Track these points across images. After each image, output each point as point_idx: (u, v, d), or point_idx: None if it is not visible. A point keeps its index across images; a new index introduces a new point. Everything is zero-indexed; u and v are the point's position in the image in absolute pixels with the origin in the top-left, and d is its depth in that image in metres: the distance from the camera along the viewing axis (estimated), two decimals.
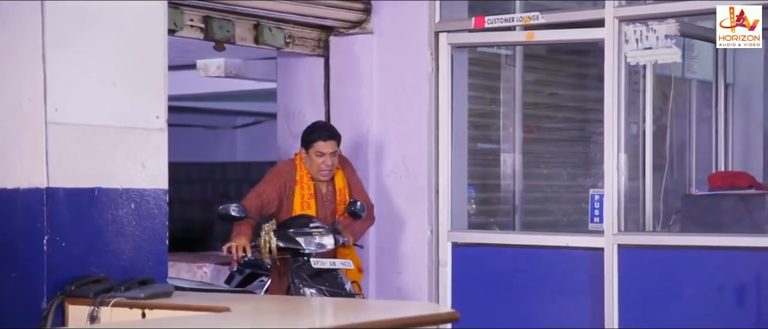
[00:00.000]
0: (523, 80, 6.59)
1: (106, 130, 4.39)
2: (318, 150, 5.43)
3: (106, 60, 4.41)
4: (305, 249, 5.23)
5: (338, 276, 5.26)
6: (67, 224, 4.25)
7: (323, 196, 5.51)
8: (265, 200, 5.41)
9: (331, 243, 5.30)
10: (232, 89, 10.72)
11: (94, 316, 4.06)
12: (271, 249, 5.22)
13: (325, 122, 5.72)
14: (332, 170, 5.47)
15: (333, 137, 5.48)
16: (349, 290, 5.25)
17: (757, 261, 5.38)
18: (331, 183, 5.53)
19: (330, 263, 5.27)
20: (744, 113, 6.78)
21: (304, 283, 5.17)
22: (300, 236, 5.25)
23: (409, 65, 6.07)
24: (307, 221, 5.33)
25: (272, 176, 5.50)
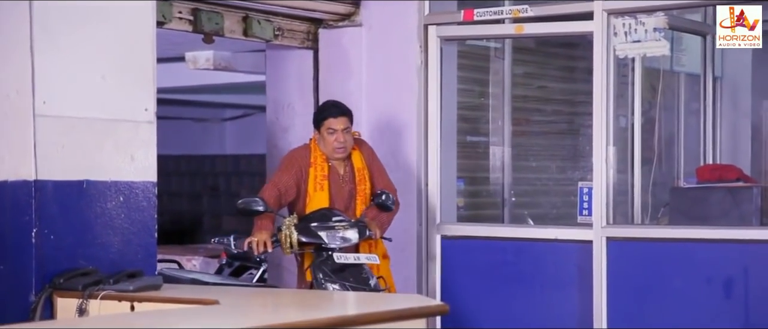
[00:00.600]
0: (512, 73, 6.59)
1: (95, 122, 4.38)
2: (329, 127, 5.26)
3: (94, 52, 4.40)
4: (328, 244, 5.06)
5: (363, 271, 5.09)
6: (56, 217, 4.24)
7: (340, 177, 5.31)
8: (282, 188, 5.22)
9: (356, 237, 5.11)
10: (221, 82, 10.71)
11: (82, 309, 4.05)
12: (292, 244, 5.05)
13: (336, 101, 5.50)
14: (347, 147, 5.28)
15: (344, 113, 5.31)
16: (374, 285, 5.06)
17: (745, 253, 5.40)
18: (348, 163, 5.34)
19: (354, 258, 5.10)
20: (732, 106, 6.80)
21: (327, 278, 5.01)
22: (322, 231, 5.07)
23: (398, 58, 6.07)
24: (330, 214, 5.14)
25: (286, 162, 5.33)
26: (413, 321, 3.64)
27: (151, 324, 3.37)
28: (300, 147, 5.43)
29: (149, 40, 4.56)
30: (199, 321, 3.38)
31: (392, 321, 3.57)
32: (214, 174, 13.61)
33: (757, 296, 5.38)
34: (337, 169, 5.32)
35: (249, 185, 13.08)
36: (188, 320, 3.45)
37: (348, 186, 5.31)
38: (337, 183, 5.29)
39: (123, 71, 4.48)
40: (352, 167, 5.34)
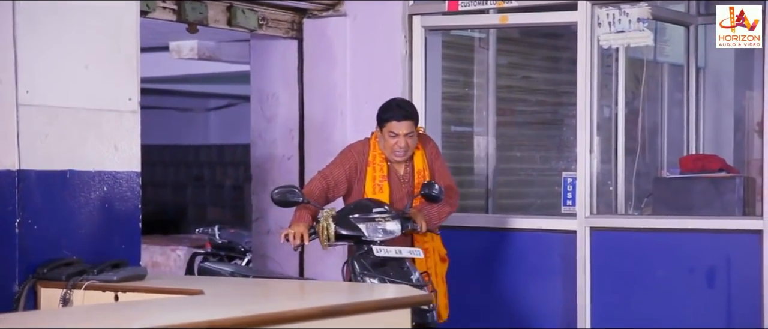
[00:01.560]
0: (496, 63, 6.60)
1: (78, 112, 4.37)
2: (391, 130, 4.97)
3: (78, 42, 4.39)
4: (367, 236, 4.79)
5: (405, 266, 4.82)
6: (39, 207, 4.23)
7: (400, 178, 5.06)
8: (331, 182, 4.98)
9: (398, 229, 4.82)
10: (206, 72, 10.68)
11: (66, 299, 4.04)
12: (330, 236, 4.79)
13: (402, 100, 5.21)
14: (407, 152, 5.00)
15: (408, 117, 4.99)
16: (415, 280, 4.77)
17: (728, 243, 5.44)
18: (409, 164, 5.08)
19: (395, 251, 4.80)
20: (715, 96, 6.83)
21: (365, 272, 4.77)
22: (362, 223, 4.80)
23: (383, 48, 6.06)
24: (371, 205, 4.87)
25: (342, 156, 5.07)
26: (398, 311, 3.65)
27: (136, 314, 3.37)
28: (359, 142, 5.17)
29: (133, 29, 4.55)
30: (183, 311, 3.38)
31: (377, 311, 3.58)
32: (198, 164, 13.59)
33: (740, 285, 5.41)
34: (397, 169, 5.08)
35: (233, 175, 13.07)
36: (173, 310, 3.45)
37: (407, 187, 5.07)
38: (396, 184, 5.06)
39: (107, 61, 4.47)
40: (412, 167, 5.08)
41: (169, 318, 3.19)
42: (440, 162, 5.16)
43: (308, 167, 6.24)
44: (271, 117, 6.37)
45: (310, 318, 3.36)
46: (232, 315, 3.20)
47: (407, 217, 4.88)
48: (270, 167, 6.35)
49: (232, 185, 13.08)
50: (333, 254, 6.11)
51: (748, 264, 5.36)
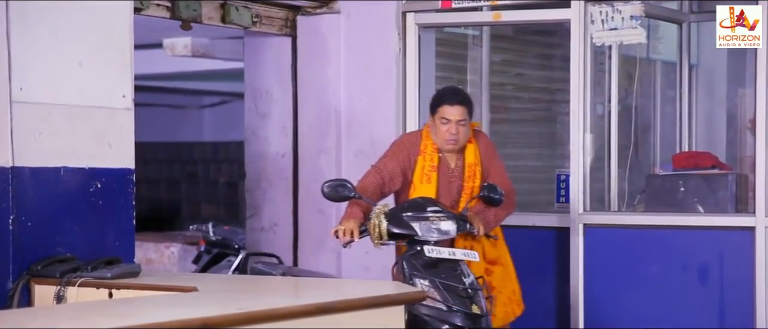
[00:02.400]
0: (489, 61, 6.61)
1: (72, 109, 4.37)
2: (443, 116, 4.78)
3: (71, 39, 4.39)
4: (421, 236, 4.59)
5: (458, 268, 4.59)
6: (33, 204, 4.23)
7: (450, 171, 4.85)
8: (386, 176, 4.80)
9: (453, 230, 4.62)
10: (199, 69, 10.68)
11: (60, 296, 4.05)
12: (382, 234, 4.60)
13: (456, 87, 5.03)
14: (460, 140, 4.79)
15: (462, 102, 4.79)
16: (468, 284, 4.55)
17: (720, 240, 5.46)
18: (460, 157, 4.87)
19: (448, 252, 4.58)
20: (708, 93, 6.84)
21: (416, 273, 4.55)
22: (415, 221, 4.60)
23: (377, 45, 6.07)
24: (426, 204, 4.67)
25: (394, 148, 4.90)
26: (391, 307, 3.65)
27: (130, 311, 3.38)
28: (411, 132, 5.03)
29: (127, 26, 4.55)
30: (177, 308, 3.38)
31: (371, 308, 3.59)
32: (192, 161, 13.59)
33: (732, 282, 5.43)
34: (448, 161, 4.87)
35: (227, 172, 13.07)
36: (166, 307, 3.45)
37: (457, 182, 4.86)
38: (446, 177, 4.85)
39: (100, 58, 4.47)
40: (463, 161, 4.86)
41: (163, 315, 3.20)
42: (497, 161, 4.96)
43: (302, 164, 6.25)
44: (265, 114, 6.38)
45: (304, 315, 3.37)
46: (226, 312, 3.21)
47: (464, 219, 4.67)
48: (264, 164, 6.36)
49: (226, 182, 13.08)
50: (327, 250, 6.12)
51: (741, 261, 5.38)
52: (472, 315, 4.49)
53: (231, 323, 3.16)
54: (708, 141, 6.73)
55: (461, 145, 4.84)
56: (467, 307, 4.50)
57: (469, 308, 4.50)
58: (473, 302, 4.53)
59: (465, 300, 4.52)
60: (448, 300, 4.49)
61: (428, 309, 4.49)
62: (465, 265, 4.62)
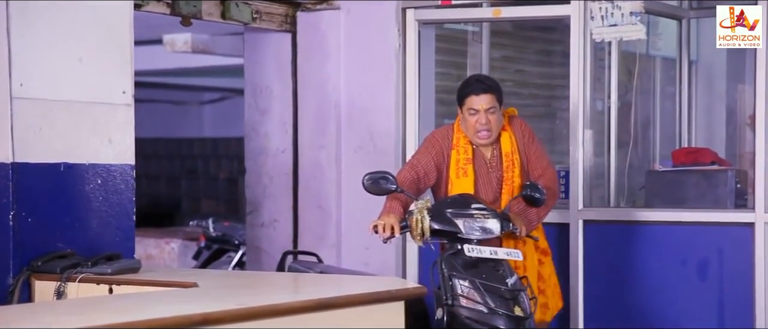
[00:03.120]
0: (489, 57, 6.61)
1: (72, 105, 4.38)
2: (470, 107, 4.54)
3: (71, 35, 4.39)
4: (464, 234, 4.36)
5: (500, 268, 4.38)
6: (33, 200, 4.24)
7: (487, 162, 4.62)
8: (420, 171, 4.59)
9: (497, 229, 4.38)
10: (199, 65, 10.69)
11: (61, 292, 4.05)
12: (424, 231, 4.36)
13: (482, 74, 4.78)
14: (492, 131, 4.55)
15: (489, 90, 4.54)
16: (511, 284, 4.35)
17: (720, 235, 5.46)
18: (496, 147, 4.64)
19: (490, 252, 4.35)
20: (707, 89, 6.85)
21: (455, 273, 4.33)
22: (459, 218, 4.36)
23: (377, 41, 6.07)
24: (469, 201, 4.44)
25: (427, 143, 4.69)
26: (391, 303, 3.66)
27: (130, 307, 3.38)
28: (443, 127, 4.79)
29: (127, 22, 4.55)
30: (177, 304, 3.39)
31: (370, 304, 3.59)
32: (192, 157, 13.61)
33: (731, 278, 5.44)
34: (483, 153, 4.64)
35: (227, 168, 13.09)
36: (167, 302, 3.46)
37: (496, 173, 4.62)
38: (483, 169, 4.62)
39: (100, 54, 4.47)
40: (499, 151, 4.63)
41: (164, 310, 3.20)
42: (536, 147, 4.69)
43: (302, 160, 6.25)
44: (264, 110, 6.38)
45: (305, 311, 3.37)
46: (227, 308, 3.22)
47: (506, 218, 4.45)
48: (264, 160, 6.36)
49: (226, 178, 13.10)
50: (327, 246, 6.12)
51: (740, 257, 5.38)
52: (514, 316, 4.30)
53: (231, 319, 3.17)
54: (707, 137, 6.74)
55: (494, 136, 4.59)
56: (509, 309, 4.31)
57: (512, 310, 4.31)
58: (516, 303, 4.34)
59: (508, 302, 4.32)
60: (489, 301, 4.30)
61: (468, 311, 4.31)
62: (508, 265, 4.41)
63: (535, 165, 4.66)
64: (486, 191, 4.61)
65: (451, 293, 4.34)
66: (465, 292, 4.31)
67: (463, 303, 4.30)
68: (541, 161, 4.68)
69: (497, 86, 4.62)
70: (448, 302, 4.33)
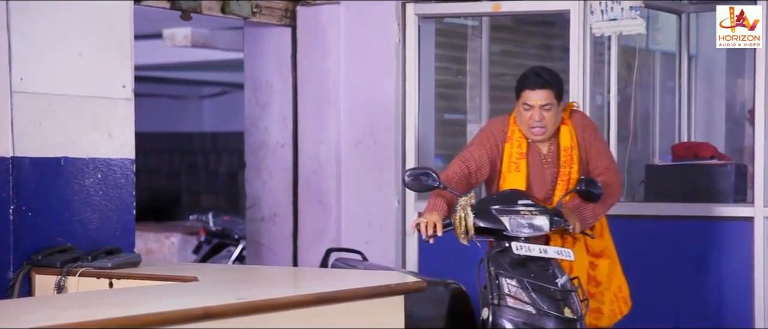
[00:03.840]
0: (489, 51, 6.61)
1: (72, 99, 4.38)
2: (525, 101, 4.31)
3: (71, 29, 4.39)
4: (510, 231, 4.15)
5: (549, 267, 4.15)
6: (34, 194, 4.24)
7: (542, 157, 4.39)
8: (472, 166, 4.38)
9: (546, 226, 4.16)
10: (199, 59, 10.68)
11: (61, 286, 4.06)
12: (468, 229, 4.16)
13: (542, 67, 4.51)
14: (547, 129, 4.33)
15: (546, 85, 4.30)
16: (562, 285, 4.12)
17: (719, 230, 5.47)
18: (554, 141, 4.39)
19: (539, 250, 4.12)
20: (707, 84, 6.85)
21: (501, 272, 4.13)
22: (505, 215, 4.16)
23: (377, 36, 6.07)
24: (516, 196, 4.22)
25: (481, 135, 4.47)
26: (391, 297, 3.66)
27: (130, 301, 3.39)
28: (498, 118, 4.55)
29: (126, 16, 4.55)
30: (177, 298, 3.40)
31: (371, 298, 3.60)
32: (192, 152, 13.60)
33: (730, 272, 5.44)
34: (539, 147, 4.41)
35: (227, 162, 13.09)
36: (167, 296, 3.46)
37: (551, 169, 4.39)
38: (537, 164, 4.40)
39: (100, 48, 4.47)
40: (557, 145, 4.39)
41: (164, 304, 3.21)
42: (599, 143, 4.44)
43: (302, 154, 6.26)
44: (264, 105, 6.38)
45: (305, 305, 3.38)
46: (227, 302, 3.22)
47: (559, 214, 4.22)
48: (264, 155, 6.37)
49: (225, 173, 13.10)
50: (327, 241, 6.13)
51: (739, 251, 5.39)
52: (564, 318, 4.08)
53: (232, 313, 3.17)
54: (707, 131, 6.74)
55: (550, 133, 4.36)
56: (559, 310, 4.09)
57: (561, 311, 4.08)
58: (566, 304, 4.11)
59: (558, 303, 4.10)
60: (538, 302, 4.09)
61: (515, 312, 4.10)
62: (558, 264, 4.18)
63: (596, 163, 4.41)
64: (539, 187, 4.40)
65: (497, 292, 4.13)
66: (512, 292, 4.10)
67: (509, 302, 4.10)
68: (603, 159, 4.42)
69: (556, 81, 4.36)
70: (494, 302, 4.12)
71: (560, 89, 4.38)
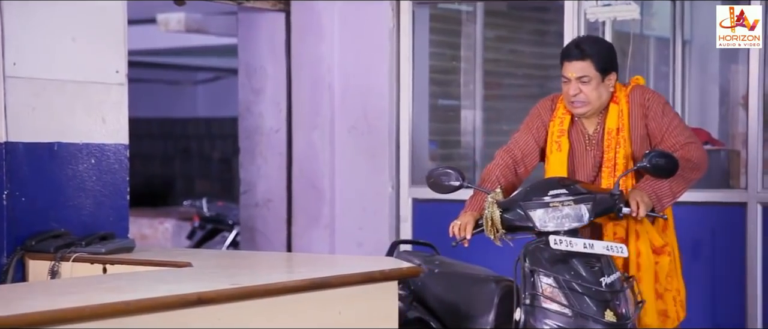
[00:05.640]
0: (483, 37, 6.61)
1: (66, 84, 4.37)
2: (563, 74, 3.95)
3: (65, 14, 4.38)
4: (538, 226, 3.74)
5: (596, 265, 3.69)
6: (27, 179, 4.24)
7: (587, 138, 3.99)
8: (517, 154, 4.03)
9: (585, 216, 3.70)
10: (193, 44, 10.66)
11: (54, 271, 4.06)
12: (496, 227, 3.79)
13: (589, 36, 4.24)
14: (590, 101, 3.90)
15: (583, 56, 3.90)
16: (609, 284, 3.65)
17: (712, 215, 5.48)
18: (601, 120, 3.98)
19: (583, 244, 3.64)
20: (701, 69, 6.86)
21: (538, 269, 3.70)
22: (533, 209, 3.75)
23: (371, 21, 6.06)
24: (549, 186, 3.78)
25: (527, 118, 4.11)
26: (385, 283, 3.67)
27: (124, 286, 3.39)
28: (548, 97, 4.15)
29: (120, 1, 4.54)
30: (172, 283, 3.40)
31: (365, 283, 3.60)
32: (186, 137, 13.59)
33: (724, 257, 5.46)
34: (585, 126, 4.00)
35: (221, 148, 13.08)
36: (161, 282, 3.46)
37: (594, 152, 3.97)
38: (580, 144, 4.00)
39: (94, 33, 4.46)
40: (603, 126, 3.97)
41: (158, 290, 3.21)
42: (670, 119, 3.93)
43: (296, 140, 6.26)
44: (258, 90, 6.37)
45: (299, 290, 3.38)
46: (221, 287, 3.22)
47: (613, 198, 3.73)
48: (258, 140, 6.37)
49: (219, 158, 13.10)
50: (321, 226, 6.14)
51: (733, 236, 5.40)
52: (605, 322, 3.62)
53: (226, 298, 3.17)
54: (701, 117, 6.75)
55: (594, 108, 3.93)
56: (600, 313, 3.63)
57: (602, 314, 3.62)
58: (609, 306, 3.64)
59: (600, 304, 3.64)
60: (575, 304, 3.64)
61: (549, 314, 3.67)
62: (609, 260, 3.71)
63: (672, 141, 3.90)
64: (581, 171, 3.99)
65: (531, 291, 3.72)
66: (547, 291, 3.68)
67: (543, 303, 3.68)
68: (678, 136, 3.91)
69: (597, 52, 3.93)
70: (526, 301, 3.72)
71: (604, 62, 3.94)
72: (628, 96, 4.00)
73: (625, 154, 3.93)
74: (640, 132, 3.96)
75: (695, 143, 3.94)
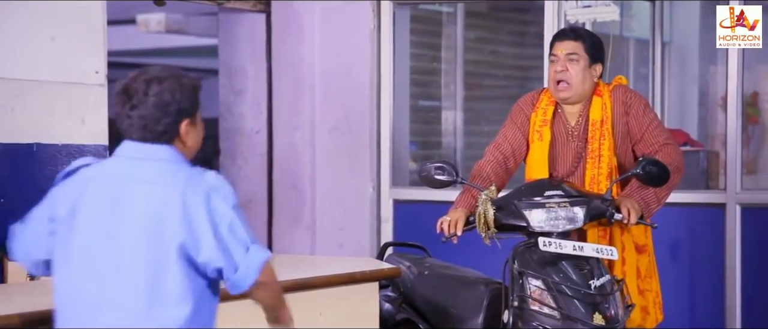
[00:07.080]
0: (464, 38, 6.62)
1: (45, 85, 4.35)
2: (551, 53, 3.88)
3: (44, 15, 4.36)
4: (533, 227, 3.66)
5: (585, 267, 3.64)
6: (6, 180, 4.22)
7: (569, 129, 3.91)
8: (507, 149, 3.95)
9: (580, 218, 3.63)
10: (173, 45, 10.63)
11: None
12: (489, 225, 3.68)
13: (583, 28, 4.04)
14: (572, 84, 3.82)
15: (576, 37, 3.85)
16: (598, 286, 3.60)
17: (691, 216, 5.50)
18: (584, 111, 3.88)
19: (572, 246, 3.59)
20: (680, 71, 6.89)
21: (527, 271, 3.64)
22: (528, 209, 3.67)
23: (352, 22, 6.06)
24: (544, 186, 3.73)
25: (511, 113, 4.03)
26: (366, 284, 3.67)
27: None
28: (528, 94, 4.10)
29: (100, 2, 4.52)
30: None
31: (346, 284, 3.60)
32: None
33: (703, 258, 5.49)
34: (567, 117, 3.92)
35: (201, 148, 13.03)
36: None
37: (575, 144, 3.88)
38: (562, 136, 3.91)
39: (73, 34, 4.44)
40: (587, 118, 3.88)
41: None
42: (650, 118, 3.88)
43: (277, 140, 6.25)
44: (239, 91, 6.36)
45: None
46: None
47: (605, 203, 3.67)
48: (239, 141, 6.35)
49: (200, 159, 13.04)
50: (302, 227, 6.13)
51: (711, 237, 5.43)
52: (592, 326, 3.58)
53: None
54: (680, 118, 6.78)
55: (576, 91, 3.85)
56: (587, 316, 3.58)
57: (590, 317, 3.58)
58: (598, 309, 3.60)
59: (588, 307, 3.60)
60: (564, 306, 3.59)
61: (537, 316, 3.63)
62: (600, 263, 3.66)
63: (650, 140, 3.85)
64: (561, 162, 3.93)
65: (519, 293, 3.67)
66: (536, 293, 3.62)
67: (532, 305, 3.63)
68: (658, 136, 3.86)
69: (589, 37, 3.90)
70: (515, 303, 3.67)
71: (594, 49, 3.89)
72: (611, 93, 3.95)
73: (610, 145, 3.87)
74: (622, 129, 3.91)
75: (673, 145, 3.91)
